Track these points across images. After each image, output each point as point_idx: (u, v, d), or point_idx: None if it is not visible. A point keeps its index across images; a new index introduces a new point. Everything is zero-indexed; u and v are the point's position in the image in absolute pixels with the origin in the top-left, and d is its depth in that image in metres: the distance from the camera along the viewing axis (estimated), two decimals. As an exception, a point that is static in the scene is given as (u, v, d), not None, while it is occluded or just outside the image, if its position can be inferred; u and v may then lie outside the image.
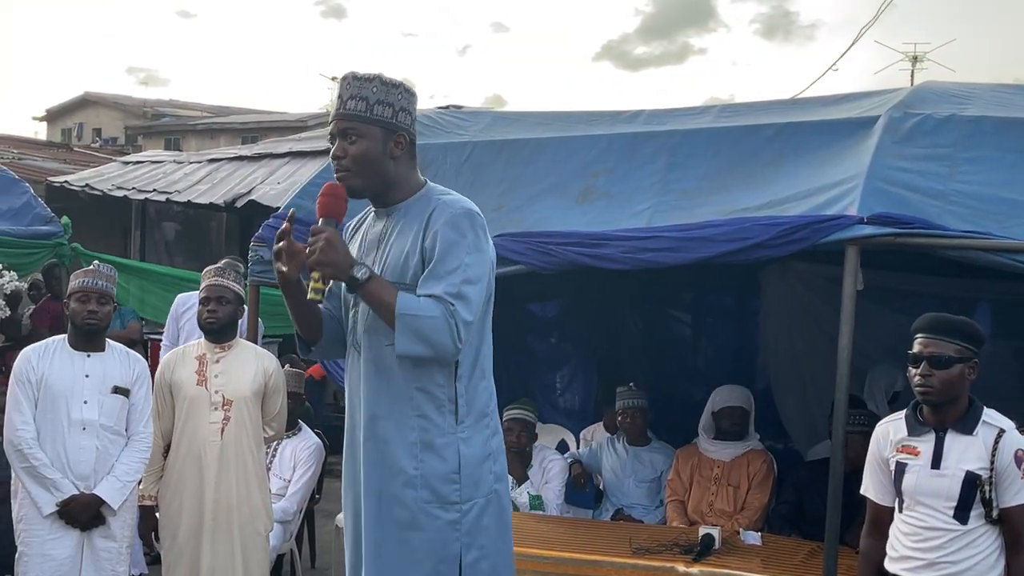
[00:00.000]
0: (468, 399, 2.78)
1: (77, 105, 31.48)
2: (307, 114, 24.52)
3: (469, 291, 2.67)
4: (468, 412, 2.78)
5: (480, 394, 2.82)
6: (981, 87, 5.16)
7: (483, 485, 2.80)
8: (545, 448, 5.81)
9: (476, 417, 2.80)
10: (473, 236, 2.71)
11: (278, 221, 5.12)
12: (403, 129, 2.80)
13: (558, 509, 5.53)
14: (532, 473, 5.56)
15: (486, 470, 2.81)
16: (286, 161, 12.52)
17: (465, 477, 2.76)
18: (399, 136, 2.79)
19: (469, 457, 2.77)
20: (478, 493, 2.79)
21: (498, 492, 2.84)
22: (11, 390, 4.34)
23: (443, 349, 2.64)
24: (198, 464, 4.56)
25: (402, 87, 2.81)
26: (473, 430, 2.79)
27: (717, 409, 5.42)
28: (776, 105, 5.37)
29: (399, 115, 2.79)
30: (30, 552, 4.26)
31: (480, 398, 2.82)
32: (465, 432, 2.77)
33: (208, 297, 4.61)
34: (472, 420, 2.79)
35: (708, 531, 4.46)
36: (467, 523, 2.77)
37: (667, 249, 4.35)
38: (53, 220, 7.01)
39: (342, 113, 2.79)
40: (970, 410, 3.39)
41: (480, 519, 2.79)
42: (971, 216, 4.07)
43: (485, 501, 2.80)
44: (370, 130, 2.76)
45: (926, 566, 3.35)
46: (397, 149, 2.79)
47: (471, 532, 2.77)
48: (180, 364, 4.68)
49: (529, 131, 5.42)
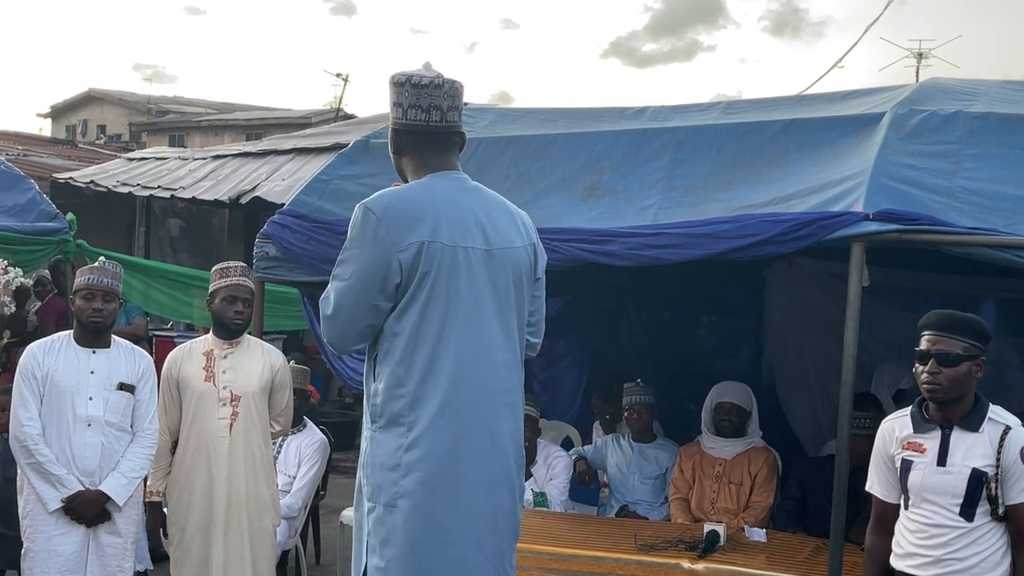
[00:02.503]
0: (382, 402, 2.73)
1: (82, 102, 31.46)
2: (312, 111, 24.49)
3: (332, 288, 2.75)
4: (380, 413, 2.74)
5: (395, 400, 2.71)
6: (987, 83, 5.15)
7: (384, 493, 2.71)
8: (549, 445, 5.81)
9: (387, 421, 2.73)
10: (350, 233, 2.73)
11: (283, 218, 5.14)
12: (393, 124, 2.85)
13: (562, 506, 5.53)
14: (536, 470, 5.56)
15: (389, 480, 2.70)
16: (291, 158, 12.51)
17: (368, 476, 2.77)
18: (393, 131, 2.87)
19: (372, 458, 2.75)
20: (379, 499, 2.73)
21: (400, 508, 2.69)
22: (17, 386, 4.35)
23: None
24: (207, 460, 4.57)
25: (398, 84, 2.82)
26: (382, 433, 2.74)
27: (714, 405, 5.41)
28: (782, 102, 5.36)
29: (393, 111, 2.85)
30: (36, 548, 4.28)
31: (394, 404, 2.71)
32: (377, 433, 2.76)
33: (236, 297, 4.61)
34: (384, 423, 2.74)
35: (713, 528, 4.45)
36: (371, 520, 2.76)
37: (672, 246, 4.35)
38: (58, 216, 7.00)
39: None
40: (976, 407, 3.38)
41: (381, 525, 2.72)
42: (976, 212, 4.06)
43: (384, 511, 2.71)
44: (388, 131, 2.91)
45: (932, 563, 3.35)
46: (393, 144, 2.88)
47: (375, 533, 2.74)
48: (187, 360, 4.69)
49: (534, 127, 5.42)
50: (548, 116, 5.61)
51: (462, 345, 2.73)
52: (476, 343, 2.76)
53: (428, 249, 2.67)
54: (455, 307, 2.72)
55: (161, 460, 4.63)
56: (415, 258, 2.66)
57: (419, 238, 2.67)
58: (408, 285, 2.68)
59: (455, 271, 2.71)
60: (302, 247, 5.05)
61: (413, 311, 2.69)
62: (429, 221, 2.69)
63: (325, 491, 6.75)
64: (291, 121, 23.43)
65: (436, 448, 2.70)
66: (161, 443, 4.57)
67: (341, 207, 4.97)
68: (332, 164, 5.55)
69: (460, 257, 2.72)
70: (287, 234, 5.08)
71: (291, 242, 5.07)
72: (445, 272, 2.70)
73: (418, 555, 2.71)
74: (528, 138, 5.29)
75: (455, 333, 2.72)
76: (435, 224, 2.69)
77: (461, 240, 2.73)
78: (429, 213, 2.71)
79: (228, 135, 24.81)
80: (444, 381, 2.70)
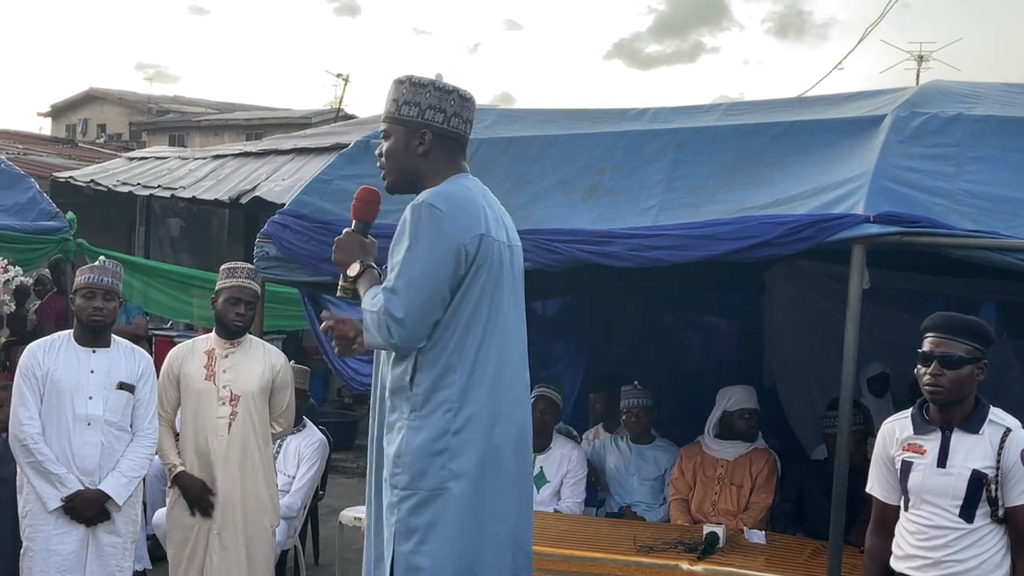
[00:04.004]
0: (426, 390, 2.82)
1: (82, 101, 31.43)
2: (312, 111, 24.48)
3: (402, 286, 2.76)
4: (424, 403, 2.82)
5: (444, 388, 2.82)
6: (988, 86, 5.15)
7: (429, 478, 2.80)
8: (569, 442, 5.80)
9: (433, 409, 2.82)
10: (418, 228, 2.77)
11: (284, 218, 5.14)
12: (428, 125, 2.90)
13: (580, 508, 5.52)
14: (549, 458, 5.54)
15: (436, 464, 2.80)
16: (291, 158, 12.51)
17: (406, 464, 2.81)
18: (423, 132, 2.90)
19: (413, 445, 2.80)
20: (421, 485, 2.80)
21: (452, 492, 2.80)
22: (17, 385, 4.35)
23: (382, 342, 2.81)
24: (206, 459, 4.58)
25: (429, 86, 2.92)
26: (426, 420, 2.81)
27: (734, 410, 5.38)
28: (783, 103, 5.36)
29: (427, 113, 2.91)
30: (35, 547, 4.27)
31: (443, 392, 2.82)
32: (416, 421, 2.82)
33: (239, 299, 4.62)
34: (428, 411, 2.82)
35: (712, 529, 4.46)
36: (403, 510, 2.81)
37: (673, 247, 4.35)
38: (58, 216, 6.99)
39: (383, 116, 2.99)
40: (977, 409, 3.38)
41: (419, 512, 2.80)
42: (977, 215, 4.06)
43: (428, 495, 2.80)
44: (396, 129, 2.94)
45: (932, 564, 3.35)
46: (421, 146, 2.92)
47: (406, 520, 2.81)
48: (189, 357, 4.70)
49: (535, 128, 5.42)
50: (549, 117, 5.61)
51: (503, 334, 2.89)
52: (512, 333, 2.94)
53: (484, 241, 2.82)
54: (499, 299, 2.88)
55: (167, 440, 4.66)
56: (476, 250, 2.80)
57: (479, 231, 2.81)
58: (466, 276, 2.81)
59: (500, 264, 2.88)
60: (303, 247, 5.05)
61: (467, 302, 2.82)
62: (480, 216, 2.84)
63: (324, 491, 6.75)
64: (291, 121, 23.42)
65: (484, 432, 2.84)
66: (163, 429, 4.61)
67: (342, 207, 4.96)
68: (333, 164, 5.55)
69: (501, 251, 2.89)
70: (288, 234, 5.08)
71: (292, 242, 5.07)
72: (493, 265, 2.85)
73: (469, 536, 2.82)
74: (529, 139, 5.29)
75: (498, 323, 2.87)
76: (484, 219, 2.85)
77: (498, 235, 2.89)
78: (479, 208, 2.86)
79: (228, 135, 24.79)
80: (491, 369, 2.85)
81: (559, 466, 5.55)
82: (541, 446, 5.49)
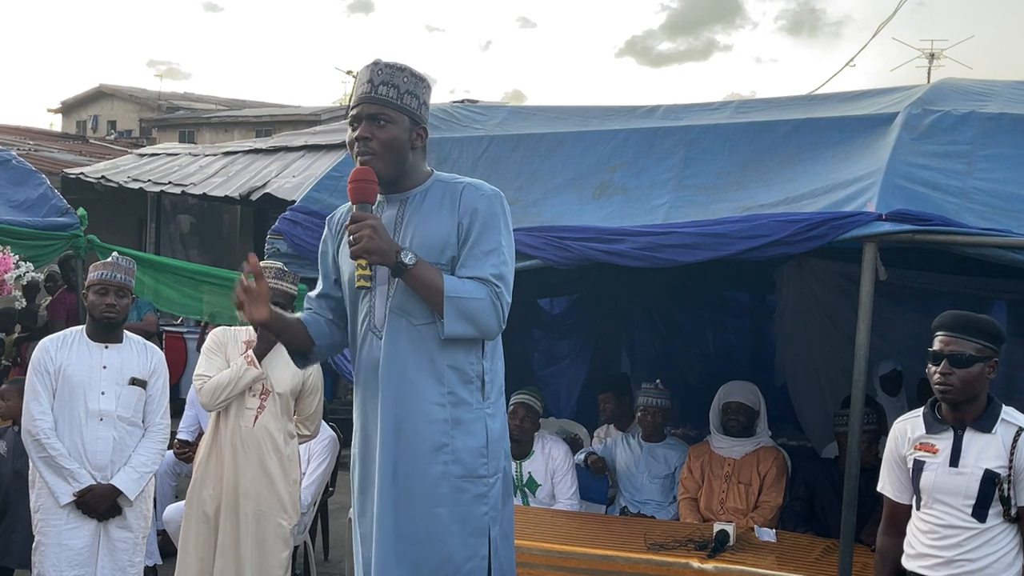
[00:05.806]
0: (492, 376, 2.88)
1: (92, 97, 31.55)
2: (321, 107, 24.54)
3: (507, 272, 2.81)
4: (492, 389, 2.88)
5: (500, 372, 2.93)
6: (1000, 84, 5.13)
7: (502, 459, 2.91)
8: (544, 435, 5.77)
9: (498, 394, 2.91)
10: (504, 218, 2.85)
11: (294, 214, 5.14)
12: (425, 122, 2.90)
13: (576, 499, 5.51)
14: (534, 462, 5.54)
15: (504, 446, 2.92)
16: (301, 155, 12.54)
17: (491, 452, 2.86)
18: (421, 128, 2.89)
19: (494, 432, 2.87)
20: (500, 467, 2.89)
21: (506, 469, 2.94)
22: (29, 380, 4.37)
23: (489, 329, 2.77)
24: (230, 446, 4.62)
25: (425, 82, 2.90)
26: (496, 406, 2.90)
27: (722, 405, 5.41)
28: (794, 101, 5.35)
29: (421, 108, 2.89)
30: (47, 542, 4.29)
31: (500, 376, 2.93)
32: (491, 408, 2.88)
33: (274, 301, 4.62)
34: (495, 396, 2.90)
35: (723, 527, 4.45)
36: (493, 496, 2.86)
37: (683, 246, 4.33)
38: (69, 212, 7.01)
39: (374, 97, 2.80)
40: (989, 408, 3.37)
41: (500, 492, 2.90)
42: (989, 213, 4.04)
43: (503, 475, 2.90)
44: (400, 118, 2.82)
45: (944, 564, 3.34)
46: (419, 141, 2.89)
47: (496, 506, 2.87)
48: (231, 343, 4.75)
49: (546, 126, 5.41)
50: (559, 114, 5.60)
51: None
52: None
53: None
54: None
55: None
56: None
57: None
58: None
59: None
60: (313, 244, 5.04)
61: None
62: None
63: (334, 487, 6.76)
64: (301, 118, 23.48)
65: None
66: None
67: (352, 204, 4.97)
68: (343, 161, 5.55)
69: None
70: (298, 231, 5.08)
71: (302, 239, 5.07)
72: None
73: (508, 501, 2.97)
74: (539, 136, 5.28)
75: None
76: None
77: None
78: None
79: (238, 131, 24.86)
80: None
81: (545, 467, 5.54)
82: (523, 453, 5.49)
